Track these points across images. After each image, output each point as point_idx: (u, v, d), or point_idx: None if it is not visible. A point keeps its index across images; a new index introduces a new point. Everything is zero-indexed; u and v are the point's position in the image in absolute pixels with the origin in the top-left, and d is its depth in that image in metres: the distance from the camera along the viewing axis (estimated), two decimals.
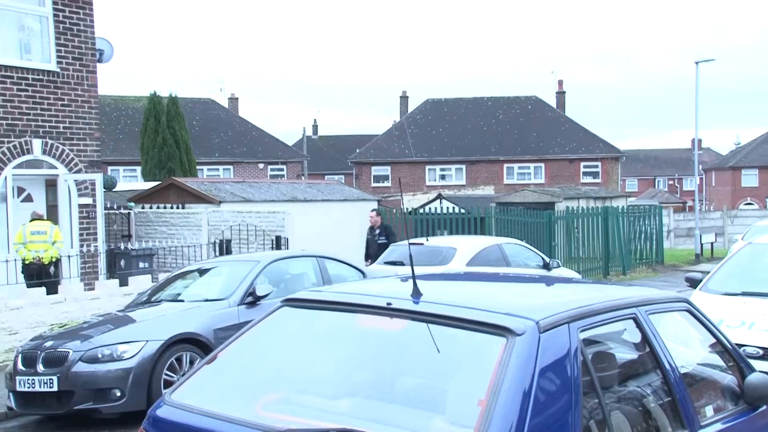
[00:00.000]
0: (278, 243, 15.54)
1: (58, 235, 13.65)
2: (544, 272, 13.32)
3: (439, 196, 27.08)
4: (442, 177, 44.00)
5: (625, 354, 3.68)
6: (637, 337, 3.61)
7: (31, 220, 13.87)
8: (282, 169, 40.28)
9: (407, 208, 22.41)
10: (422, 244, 13.17)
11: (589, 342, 3.29)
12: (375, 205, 21.10)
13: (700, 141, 50.61)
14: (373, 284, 4.25)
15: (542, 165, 43.41)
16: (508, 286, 4.38)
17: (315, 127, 63.80)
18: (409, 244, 3.83)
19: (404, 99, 51.68)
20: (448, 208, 22.98)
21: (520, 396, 2.80)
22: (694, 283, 8.91)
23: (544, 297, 3.99)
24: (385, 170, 44.68)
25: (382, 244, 14.81)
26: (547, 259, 14.25)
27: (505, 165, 43.55)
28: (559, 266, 14.46)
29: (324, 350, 3.61)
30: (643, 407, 3.47)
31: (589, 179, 42.35)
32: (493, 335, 3.05)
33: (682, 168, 79.24)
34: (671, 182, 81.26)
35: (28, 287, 12.46)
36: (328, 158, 57.02)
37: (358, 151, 47.61)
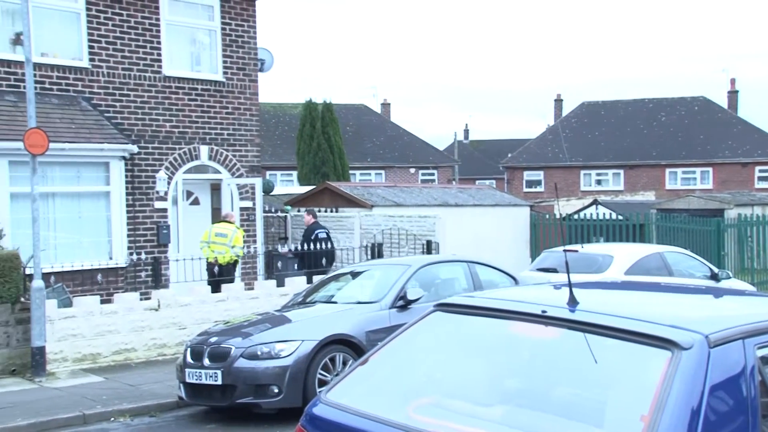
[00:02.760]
0: (429, 247, 15.62)
1: (237, 240, 14.36)
2: (712, 283, 12.57)
3: (595, 202, 26.23)
4: (598, 182, 42.59)
5: None
6: None
7: (218, 221, 14.79)
8: (433, 174, 40.51)
9: (562, 214, 21.87)
10: (577, 251, 12.82)
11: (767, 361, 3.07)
12: (527, 210, 20.80)
13: None
14: (527, 291, 4.19)
15: (710, 169, 40.97)
16: (672, 297, 4.16)
17: (466, 132, 63.72)
18: (565, 251, 3.75)
19: (558, 102, 50.57)
20: (604, 214, 22.19)
21: (687, 414, 2.66)
22: None
23: (714, 309, 3.76)
24: (538, 175, 43.88)
25: (322, 239, 15.17)
26: (716, 270, 13.44)
27: (668, 169, 41.51)
28: (730, 277, 13.59)
29: (475, 356, 3.59)
30: None
31: (764, 184, 39.47)
32: (657, 348, 2.92)
33: None
34: None
35: (208, 284, 13.28)
36: (480, 163, 56.74)
37: (509, 155, 47.06)
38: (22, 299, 10.95)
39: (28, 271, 11.23)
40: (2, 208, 12.87)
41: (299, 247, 15.13)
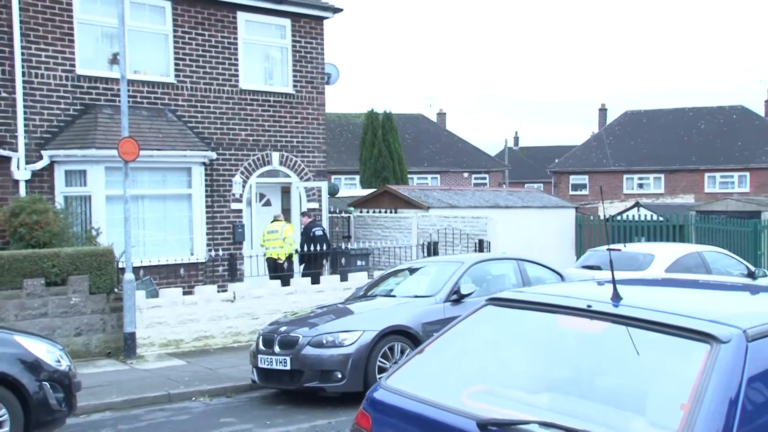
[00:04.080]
0: (481, 246, 15.54)
1: (287, 232, 14.56)
2: (749, 281, 12.17)
3: (637, 204, 25.63)
4: (640, 185, 41.64)
5: None
6: None
7: (272, 222, 15.06)
8: (485, 178, 40.22)
9: (605, 216, 21.46)
10: (620, 250, 12.57)
11: None
12: (573, 212, 20.51)
13: None
14: (573, 287, 4.12)
15: (747, 174, 39.63)
16: (711, 293, 4.05)
17: (516, 139, 63.05)
18: (608, 249, 3.67)
19: (603, 111, 49.62)
20: (645, 215, 21.69)
21: (725, 404, 2.59)
22: None
23: (751, 305, 3.65)
24: (583, 179, 43.12)
25: (319, 237, 14.93)
26: (752, 268, 13.01)
27: (707, 174, 40.30)
28: (766, 275, 13.13)
29: (525, 348, 3.57)
30: None
31: None
32: (696, 341, 2.86)
33: None
34: None
35: (270, 279, 13.48)
36: (528, 168, 56.06)
37: (557, 161, 46.39)
38: (116, 290, 11.27)
39: (120, 265, 11.56)
40: (99, 208, 13.29)
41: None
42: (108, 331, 11.16)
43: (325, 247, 14.77)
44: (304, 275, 13.61)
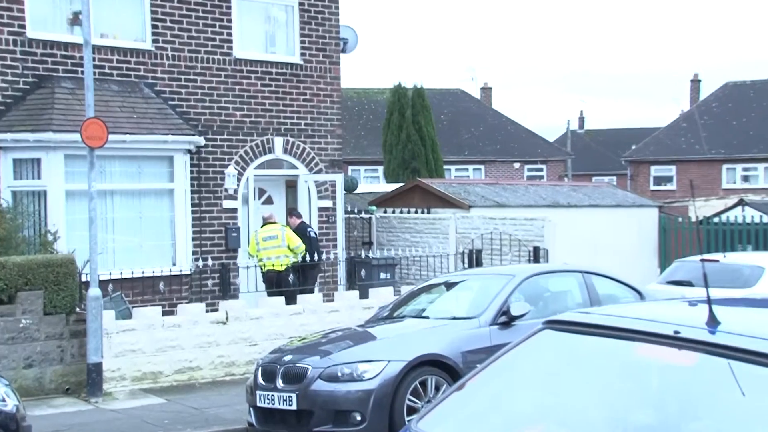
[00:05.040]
0: (536, 255, 15.48)
1: (291, 241, 14.59)
2: None
3: (741, 202, 25.28)
4: (745, 178, 41.13)
5: None
6: None
7: (261, 225, 15.04)
8: (541, 169, 40.09)
9: (698, 217, 21.26)
10: (717, 261, 12.48)
11: None
12: (655, 212, 20.34)
13: None
14: (656, 308, 4.13)
15: None
16: None
17: (581, 120, 62.73)
18: (702, 260, 3.67)
19: (695, 84, 49.18)
20: (752, 216, 21.41)
21: None
22: None
23: None
24: (669, 170, 42.75)
25: (314, 239, 15.25)
26: None
27: None
28: None
29: (593, 382, 3.57)
30: None
31: None
32: None
33: None
34: None
35: (268, 296, 13.53)
36: (597, 156, 55.76)
37: (633, 147, 46.05)
38: (78, 310, 11.38)
39: (83, 278, 11.67)
40: (57, 207, 13.45)
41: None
42: (67, 361, 11.27)
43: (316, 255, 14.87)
44: (286, 295, 13.46)
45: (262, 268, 14.52)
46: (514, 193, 19.82)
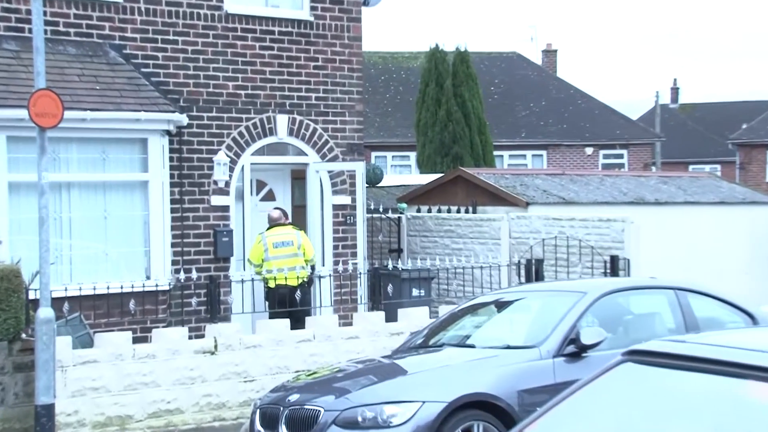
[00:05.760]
0: (614, 266, 15.42)
1: (309, 249, 14.64)
2: None
3: None
4: None
5: None
6: None
7: (268, 228, 15.06)
8: (621, 156, 39.97)
9: None
10: None
11: None
12: None
13: None
14: None
15: None
16: None
17: (674, 92, 62.48)
18: None
19: None
20: None
21: None
22: None
23: None
24: None
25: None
26: None
27: None
28: None
29: (689, 428, 3.59)
30: None
31: None
32: None
33: None
34: None
35: (270, 317, 13.54)
36: (695, 138, 55.45)
37: (744, 126, 45.81)
38: (24, 336, 11.44)
39: (31, 296, 11.72)
40: None
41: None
42: (9, 402, 11.33)
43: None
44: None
45: (267, 283, 14.53)
46: (585, 186, 19.73)
